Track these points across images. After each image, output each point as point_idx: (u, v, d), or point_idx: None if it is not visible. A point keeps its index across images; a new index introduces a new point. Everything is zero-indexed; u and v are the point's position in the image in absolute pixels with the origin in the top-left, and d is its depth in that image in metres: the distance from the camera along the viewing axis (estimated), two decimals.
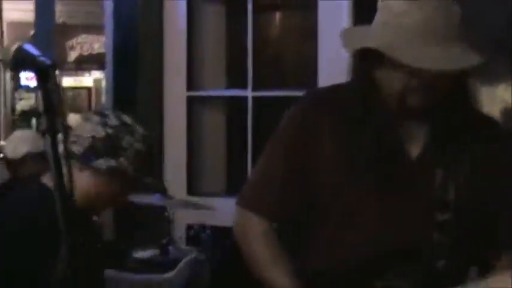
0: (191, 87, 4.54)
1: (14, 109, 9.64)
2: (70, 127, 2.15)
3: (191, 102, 4.55)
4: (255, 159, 4.17)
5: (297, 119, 2.06)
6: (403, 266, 1.96)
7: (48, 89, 1.44)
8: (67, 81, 10.27)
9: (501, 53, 3.32)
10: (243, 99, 4.36)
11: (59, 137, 1.43)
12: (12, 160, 4.12)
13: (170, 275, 2.53)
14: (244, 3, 4.35)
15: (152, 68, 4.53)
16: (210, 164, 4.65)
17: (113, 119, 2.22)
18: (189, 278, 2.55)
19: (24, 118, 9.22)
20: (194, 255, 2.62)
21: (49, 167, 1.42)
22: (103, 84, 7.84)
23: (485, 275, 1.94)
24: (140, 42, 4.53)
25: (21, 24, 8.54)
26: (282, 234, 2.09)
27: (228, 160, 4.73)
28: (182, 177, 4.51)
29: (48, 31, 5.25)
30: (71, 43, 9.79)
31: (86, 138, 2.18)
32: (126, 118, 2.24)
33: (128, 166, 2.18)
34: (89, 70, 10.17)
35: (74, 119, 3.52)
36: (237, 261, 2.04)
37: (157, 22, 4.51)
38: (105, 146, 2.18)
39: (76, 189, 1.88)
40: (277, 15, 4.69)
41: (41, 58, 1.46)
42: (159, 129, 4.51)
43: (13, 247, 2.05)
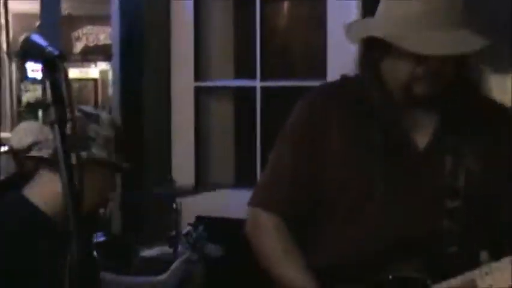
0: (199, 78, 4.51)
1: (20, 101, 9.63)
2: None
3: (199, 92, 4.53)
4: (263, 150, 4.17)
5: (304, 115, 2.07)
6: (413, 255, 1.95)
7: (56, 79, 1.43)
8: (73, 73, 10.25)
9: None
10: (251, 90, 4.34)
11: (68, 129, 1.40)
12: (17, 151, 4.11)
13: (164, 276, 2.52)
14: None
15: (159, 58, 4.50)
16: (218, 155, 4.63)
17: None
18: (182, 278, 2.53)
19: (31, 110, 9.22)
20: (187, 256, 2.60)
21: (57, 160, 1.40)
22: (109, 75, 7.82)
23: (496, 258, 1.90)
24: (147, 32, 4.49)
25: (27, 16, 8.53)
26: (290, 231, 2.08)
27: (236, 151, 4.72)
28: (190, 168, 4.49)
29: (54, 22, 5.22)
30: (76, 34, 9.77)
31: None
32: (88, 108, 2.21)
33: (101, 154, 2.15)
34: (95, 61, 10.15)
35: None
36: (239, 256, 2.01)
37: (164, 11, 4.48)
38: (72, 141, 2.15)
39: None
40: (285, 5, 4.66)
41: (49, 48, 1.45)
42: (167, 121, 4.49)
43: (13, 247, 2.02)
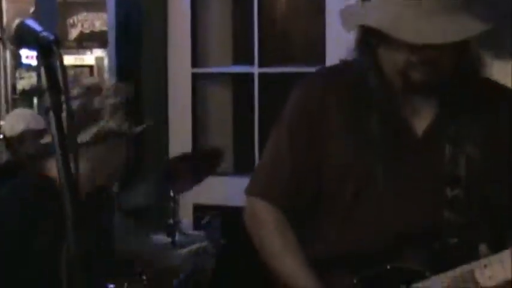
0: (196, 64, 4.49)
1: (15, 88, 9.60)
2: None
3: (196, 79, 4.50)
4: (261, 136, 4.15)
5: (301, 102, 2.03)
6: (414, 245, 1.92)
7: (52, 65, 1.40)
8: (68, 60, 10.21)
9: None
10: (249, 76, 4.32)
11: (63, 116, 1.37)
12: (10, 138, 4.09)
13: (184, 251, 2.45)
14: None
15: (156, 45, 4.47)
16: (216, 141, 4.60)
17: (74, 91, 2.15)
18: (195, 268, 2.48)
19: (25, 97, 9.19)
20: (205, 245, 2.54)
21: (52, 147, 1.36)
22: (105, 62, 7.78)
23: (497, 250, 1.86)
24: (143, 18, 4.46)
25: (21, 1, 8.48)
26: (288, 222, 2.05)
27: (234, 137, 4.71)
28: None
29: (49, 8, 5.19)
30: (71, 21, 9.72)
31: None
32: (88, 80, 2.19)
33: (111, 124, 2.13)
34: (91, 48, 10.10)
35: None
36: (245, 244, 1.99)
37: None
38: (80, 118, 2.12)
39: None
40: None
41: (44, 34, 1.41)
42: (164, 108, 4.47)
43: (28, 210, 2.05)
